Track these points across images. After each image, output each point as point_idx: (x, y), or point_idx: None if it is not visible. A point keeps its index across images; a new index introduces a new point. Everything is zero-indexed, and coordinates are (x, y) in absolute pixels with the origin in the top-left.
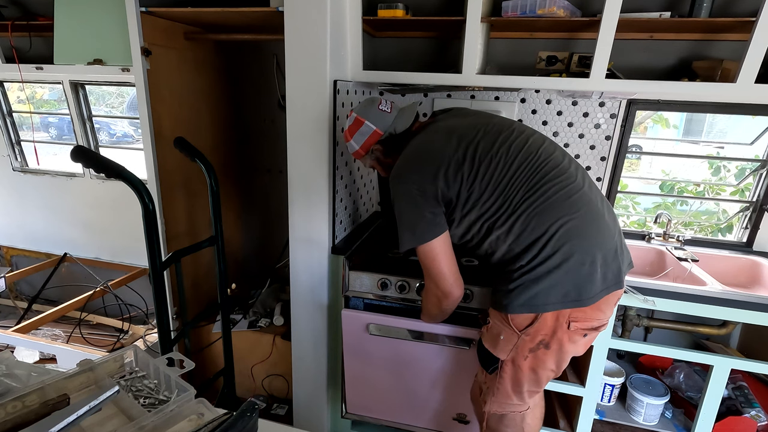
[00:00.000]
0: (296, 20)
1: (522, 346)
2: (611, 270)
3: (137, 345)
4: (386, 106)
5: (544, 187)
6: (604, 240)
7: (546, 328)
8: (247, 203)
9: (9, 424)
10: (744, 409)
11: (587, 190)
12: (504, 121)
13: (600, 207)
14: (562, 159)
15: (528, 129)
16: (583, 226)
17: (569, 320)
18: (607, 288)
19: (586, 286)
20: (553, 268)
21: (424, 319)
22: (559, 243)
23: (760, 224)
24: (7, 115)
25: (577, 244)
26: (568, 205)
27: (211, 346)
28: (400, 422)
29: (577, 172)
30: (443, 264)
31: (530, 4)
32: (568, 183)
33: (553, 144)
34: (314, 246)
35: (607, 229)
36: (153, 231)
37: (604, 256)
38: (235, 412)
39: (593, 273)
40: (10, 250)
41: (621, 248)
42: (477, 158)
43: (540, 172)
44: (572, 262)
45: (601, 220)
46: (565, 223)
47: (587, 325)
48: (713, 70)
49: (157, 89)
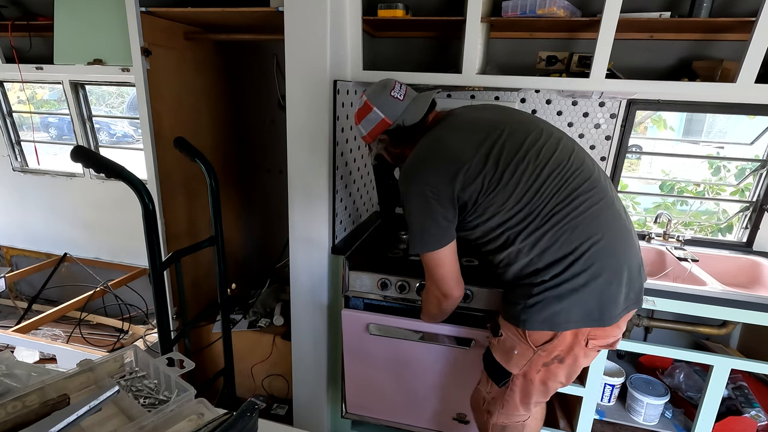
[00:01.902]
0: (296, 20)
1: (536, 361)
2: (634, 289)
3: (137, 345)
4: (399, 92)
5: (576, 201)
6: (632, 258)
7: (564, 344)
8: (247, 203)
9: (9, 424)
10: (744, 409)
11: (618, 205)
12: (530, 119)
13: (627, 222)
14: (593, 168)
15: (556, 130)
16: (613, 245)
17: (588, 338)
18: (628, 307)
19: (610, 305)
20: (579, 286)
21: (424, 318)
22: (589, 262)
23: (760, 224)
24: (7, 115)
25: (607, 264)
26: (600, 223)
27: (211, 346)
28: (400, 422)
29: (607, 183)
30: (446, 269)
31: (530, 4)
32: (601, 197)
33: (582, 150)
34: (314, 246)
35: (634, 246)
36: (153, 231)
37: (630, 274)
38: (235, 412)
39: (618, 293)
40: (10, 250)
41: (644, 265)
42: (502, 161)
43: (572, 183)
44: (600, 282)
45: (629, 237)
46: (597, 241)
47: (604, 342)
48: (713, 70)
49: (157, 89)
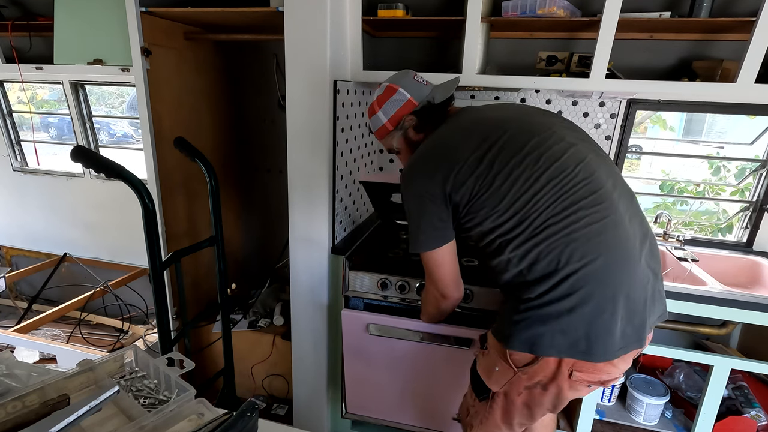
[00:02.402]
0: (296, 20)
1: (517, 383)
2: (633, 325)
3: (137, 345)
4: (422, 79)
5: (575, 215)
6: (634, 289)
7: (546, 371)
8: (247, 203)
9: (9, 424)
10: (744, 409)
11: (627, 225)
12: (546, 121)
13: (637, 247)
14: (604, 181)
15: (573, 135)
16: (610, 270)
17: (573, 369)
18: (626, 347)
19: (600, 340)
20: (564, 311)
21: (423, 318)
22: (578, 285)
23: (760, 224)
24: (7, 115)
25: (599, 290)
26: (599, 242)
27: (211, 346)
28: (400, 422)
29: (620, 201)
30: (445, 271)
31: (530, 4)
32: (606, 214)
33: (600, 158)
34: (314, 246)
35: (640, 277)
36: (153, 231)
37: (629, 308)
38: (235, 412)
39: (612, 327)
40: (10, 250)
41: (653, 298)
42: (496, 163)
43: (573, 195)
44: (588, 310)
45: (635, 265)
46: (590, 262)
47: (593, 378)
48: (713, 70)
49: (157, 89)
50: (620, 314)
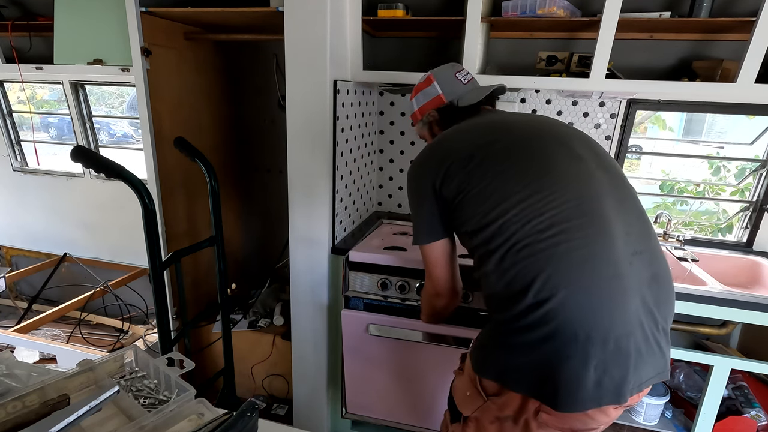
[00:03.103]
0: (296, 20)
1: (488, 411)
2: (611, 377)
3: (137, 345)
4: (464, 77)
5: (558, 237)
6: (614, 335)
7: (514, 406)
8: (247, 203)
9: (9, 424)
10: (744, 409)
11: (622, 261)
12: (560, 130)
13: (631, 288)
14: (607, 205)
15: (584, 149)
16: (586, 305)
17: (539, 410)
18: (599, 399)
19: (568, 386)
20: (530, 343)
21: (423, 319)
22: (548, 316)
23: (760, 224)
24: (7, 115)
25: (569, 326)
26: (581, 270)
27: (211, 346)
28: (400, 422)
29: (622, 233)
30: (437, 269)
31: (530, 4)
32: (595, 243)
33: (613, 182)
34: (314, 246)
35: (626, 322)
36: (153, 231)
37: (606, 357)
38: (235, 412)
39: (582, 375)
40: (10, 250)
41: (645, 352)
42: (486, 163)
43: (561, 214)
44: (555, 348)
45: (620, 309)
46: (561, 290)
47: (563, 425)
48: (713, 70)
49: (157, 89)
50: (593, 362)
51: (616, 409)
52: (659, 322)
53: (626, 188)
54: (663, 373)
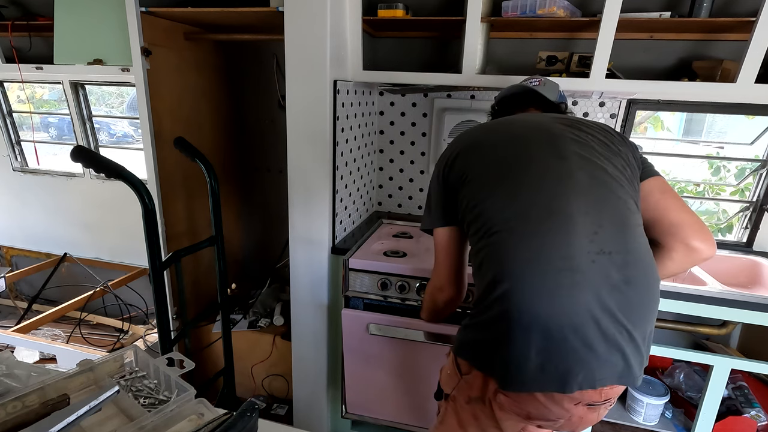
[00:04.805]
0: (296, 20)
1: (462, 389)
2: (553, 365)
3: (137, 345)
4: (533, 82)
5: (518, 228)
6: (556, 324)
7: (477, 385)
8: (247, 203)
9: (9, 424)
10: (744, 409)
11: (580, 252)
12: (549, 127)
13: (589, 281)
14: (577, 205)
15: (567, 143)
16: (532, 293)
17: (497, 391)
18: (543, 384)
19: (511, 366)
20: (486, 323)
21: (423, 315)
22: (500, 300)
23: (760, 224)
24: (7, 115)
25: (515, 311)
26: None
27: (211, 346)
28: (400, 422)
29: (589, 231)
30: (441, 257)
31: (530, 4)
32: (554, 233)
33: (589, 171)
34: (314, 246)
35: (573, 314)
36: (153, 231)
37: (546, 343)
38: (235, 412)
39: (524, 357)
40: (10, 250)
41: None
42: (474, 155)
43: (527, 207)
44: (503, 329)
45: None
46: (511, 277)
47: (518, 409)
48: (713, 70)
49: (157, 89)
50: (534, 346)
51: (575, 404)
52: (625, 326)
53: (611, 192)
54: (624, 378)
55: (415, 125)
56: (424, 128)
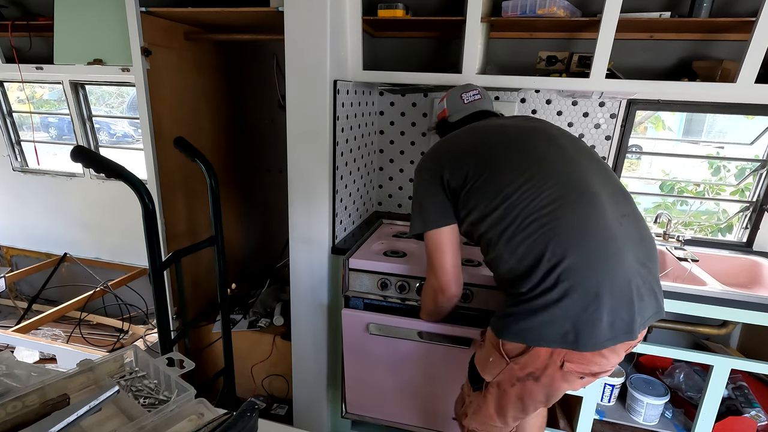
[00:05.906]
0: (296, 20)
1: (509, 373)
2: (622, 318)
3: (137, 345)
4: (470, 97)
5: (559, 211)
6: (618, 285)
7: (537, 362)
8: (247, 203)
9: (9, 424)
10: (744, 409)
11: (613, 224)
12: (547, 129)
13: (625, 246)
14: (595, 182)
15: (570, 144)
16: (591, 264)
17: (564, 360)
18: (615, 338)
19: (587, 330)
20: (550, 303)
21: (423, 316)
22: (561, 279)
23: (760, 224)
24: (7, 115)
25: (581, 282)
26: (580, 239)
27: (211, 346)
28: (400, 422)
29: (609, 201)
30: (446, 257)
31: (530, 4)
32: (589, 212)
33: (594, 164)
34: (314, 246)
35: (625, 273)
36: (153, 231)
37: (614, 303)
38: (235, 412)
39: (597, 319)
40: (10, 250)
41: (643, 295)
42: (481, 159)
43: (558, 192)
44: (572, 302)
45: (617, 263)
46: (570, 257)
47: (584, 369)
48: (713, 70)
49: (157, 89)
50: (605, 308)
51: (626, 350)
52: (652, 271)
53: (606, 169)
54: (659, 312)
55: (415, 125)
56: (424, 128)
